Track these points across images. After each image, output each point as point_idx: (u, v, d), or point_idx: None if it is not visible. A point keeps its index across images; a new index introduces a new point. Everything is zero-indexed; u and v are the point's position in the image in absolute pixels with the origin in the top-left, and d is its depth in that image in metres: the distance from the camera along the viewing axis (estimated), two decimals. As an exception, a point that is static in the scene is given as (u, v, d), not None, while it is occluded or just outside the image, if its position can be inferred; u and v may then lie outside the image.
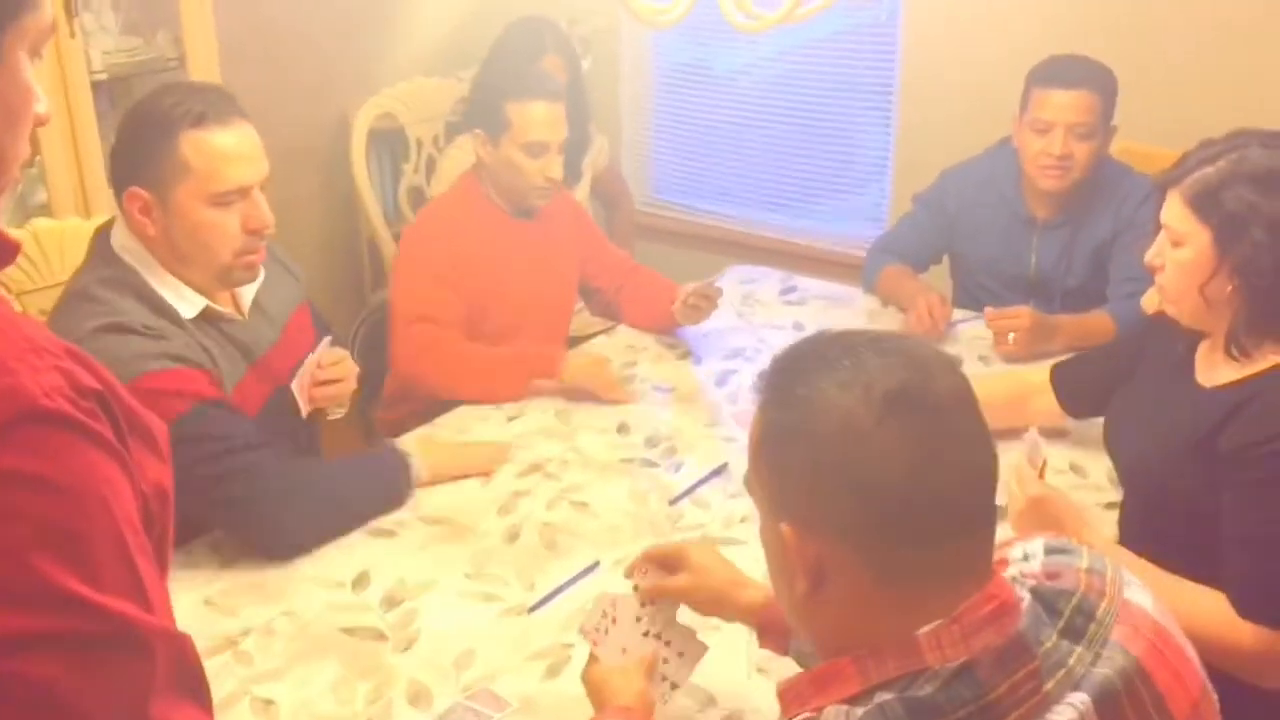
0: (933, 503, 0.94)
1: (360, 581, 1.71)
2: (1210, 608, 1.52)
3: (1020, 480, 1.66)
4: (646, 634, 1.36)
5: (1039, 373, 2.09)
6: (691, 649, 1.37)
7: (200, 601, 1.66)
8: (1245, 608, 1.50)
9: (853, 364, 0.96)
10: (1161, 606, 1.04)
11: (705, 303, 2.47)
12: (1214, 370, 1.66)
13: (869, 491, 0.93)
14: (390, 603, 1.67)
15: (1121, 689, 0.95)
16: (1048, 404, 2.04)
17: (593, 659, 1.36)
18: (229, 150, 1.72)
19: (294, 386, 1.93)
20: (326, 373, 1.97)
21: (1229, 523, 1.54)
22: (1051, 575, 1.01)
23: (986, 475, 0.98)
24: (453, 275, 2.38)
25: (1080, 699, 0.93)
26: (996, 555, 1.02)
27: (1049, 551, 1.04)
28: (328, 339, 2.01)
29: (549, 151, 2.39)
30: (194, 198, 1.70)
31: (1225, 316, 1.61)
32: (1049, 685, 0.93)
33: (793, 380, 0.99)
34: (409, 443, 2.00)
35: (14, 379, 0.79)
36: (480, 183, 2.48)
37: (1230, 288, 1.58)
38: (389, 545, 1.81)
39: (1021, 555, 1.04)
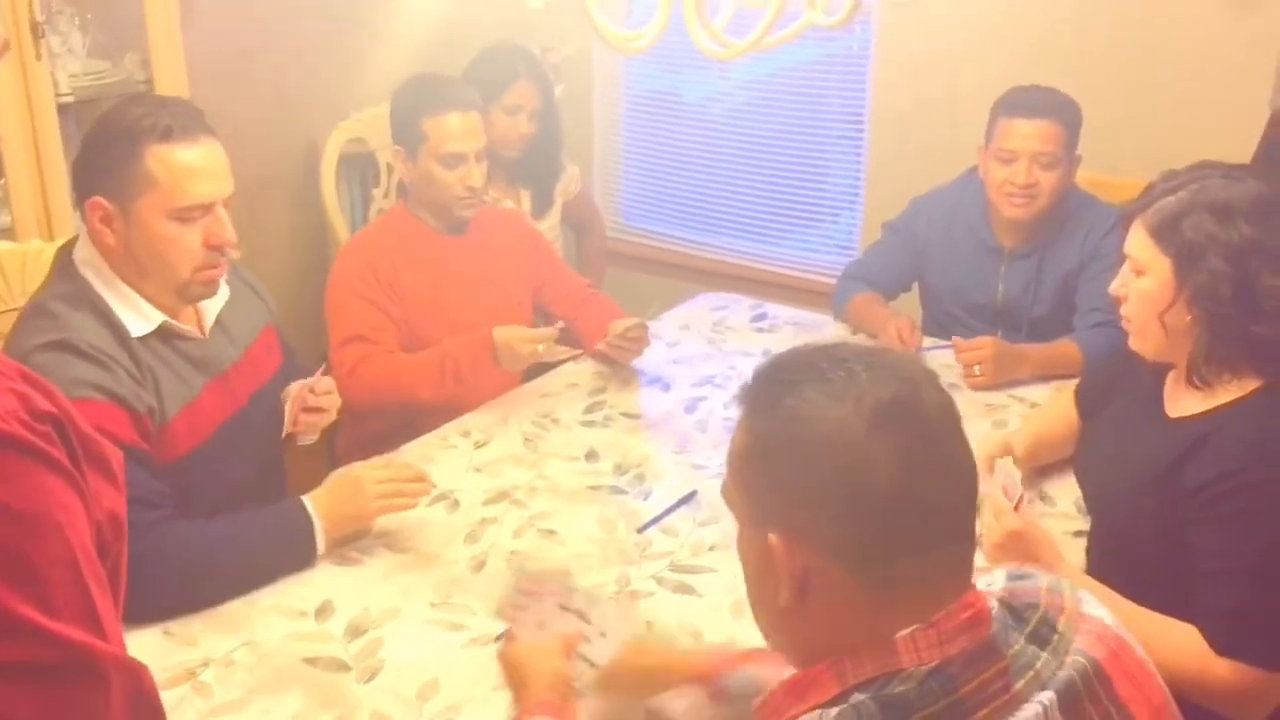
0: (921, 512, 0.96)
1: (323, 611, 1.69)
2: (1184, 644, 1.51)
3: (996, 513, 1.65)
4: (565, 608, 1.32)
5: (1066, 402, 2.09)
6: (615, 628, 1.32)
7: (159, 631, 1.62)
8: (1221, 644, 1.50)
9: (844, 376, 0.98)
10: (1117, 620, 1.06)
11: (633, 344, 2.47)
12: (1179, 402, 1.67)
13: (860, 501, 0.95)
14: (354, 632, 1.64)
15: (1082, 688, 0.97)
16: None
17: (509, 638, 1.33)
18: (194, 165, 1.72)
19: (286, 405, 1.94)
20: (317, 400, 1.97)
21: (1199, 558, 1.55)
22: (1013, 594, 1.03)
23: (969, 487, 1.01)
24: (382, 296, 2.40)
25: (1046, 696, 0.95)
26: None
27: (1010, 578, 1.07)
28: (323, 366, 2.02)
29: (466, 161, 2.42)
30: (156, 211, 1.70)
31: (1186, 347, 1.62)
32: (1019, 685, 0.95)
33: (781, 392, 1.00)
34: (317, 498, 1.81)
35: None
36: (408, 203, 2.52)
37: (1189, 317, 1.59)
38: (353, 574, 1.78)
39: (986, 584, 1.06)
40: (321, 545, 1.78)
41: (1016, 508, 1.65)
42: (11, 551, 0.78)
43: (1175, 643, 1.51)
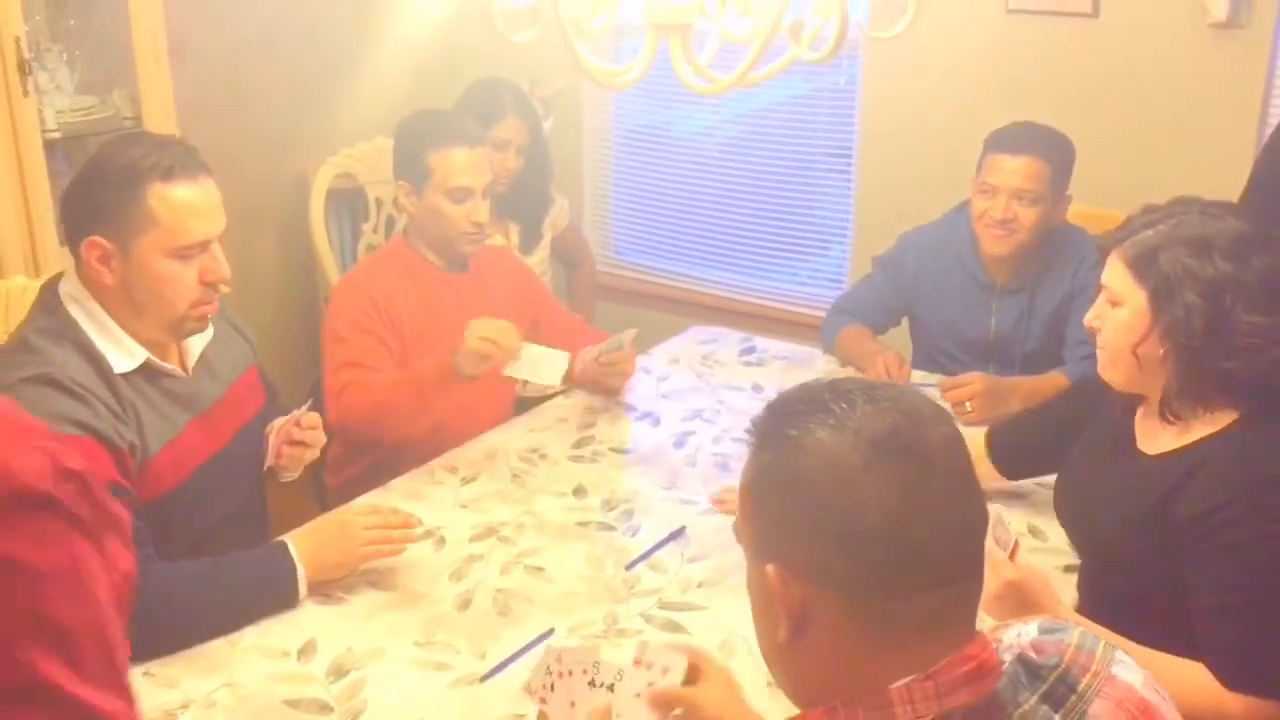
0: (917, 551, 0.93)
1: (306, 651, 1.66)
2: (1193, 679, 1.50)
3: (992, 565, 1.61)
4: (594, 684, 1.31)
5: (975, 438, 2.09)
6: (645, 694, 1.31)
7: (139, 673, 1.60)
8: (1231, 679, 1.49)
9: (845, 408, 0.96)
10: (1154, 685, 1.03)
11: (615, 369, 2.43)
12: (1154, 437, 1.66)
13: (853, 536, 0.93)
14: (337, 673, 1.62)
15: None
16: (986, 467, 2.03)
17: (542, 717, 1.32)
18: (195, 204, 1.73)
19: (270, 438, 1.94)
20: (301, 434, 1.96)
21: (1198, 594, 1.53)
22: (1038, 649, 1.00)
23: (973, 527, 0.98)
24: (382, 329, 2.36)
25: None
26: (991, 638, 1.01)
27: (1042, 631, 1.04)
28: (309, 401, 2.01)
29: (473, 196, 2.40)
30: (157, 250, 1.71)
31: (1158, 380, 1.62)
32: None
33: (784, 423, 0.98)
34: (301, 541, 1.80)
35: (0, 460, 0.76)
36: (409, 238, 2.49)
37: (1162, 350, 1.59)
38: (337, 612, 1.76)
39: (1015, 635, 1.04)
40: (303, 590, 1.76)
41: (1012, 556, 1.62)
42: (44, 615, 0.76)
43: (1186, 681, 1.49)
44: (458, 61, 3.55)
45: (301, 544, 1.78)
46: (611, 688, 1.31)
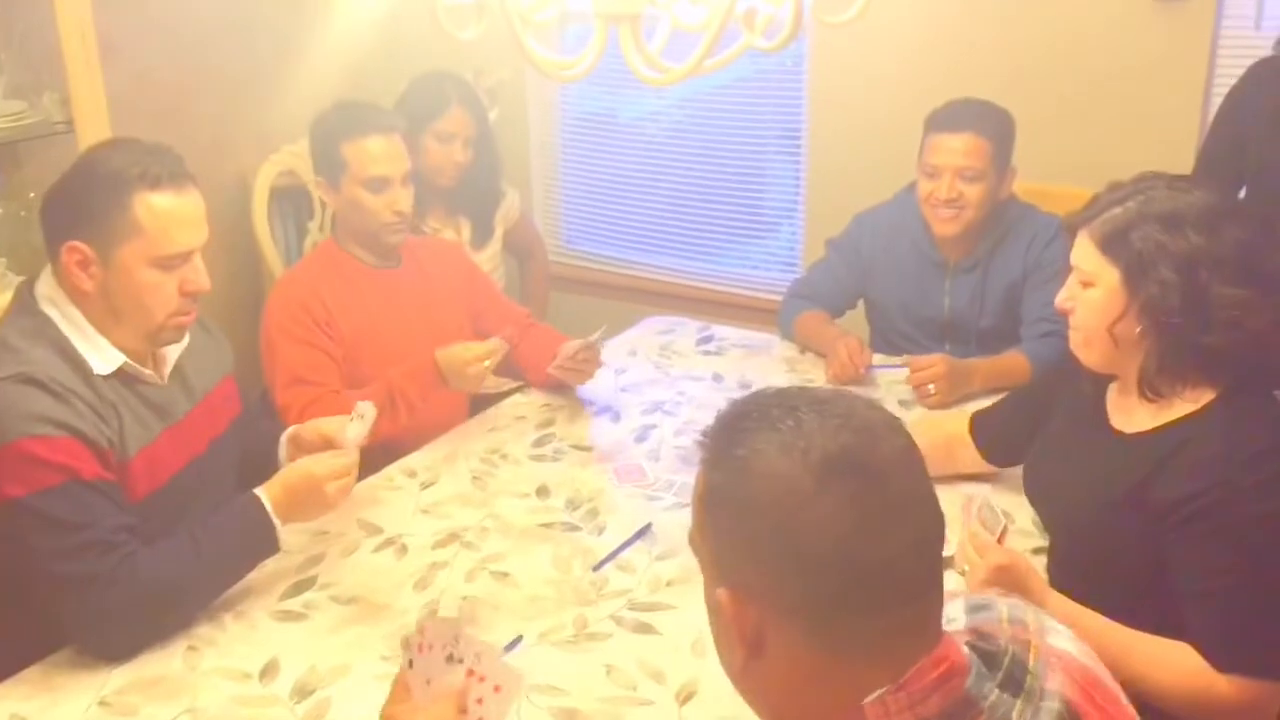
0: (875, 570, 0.90)
1: (269, 671, 1.62)
2: (1182, 662, 1.50)
3: (980, 548, 1.59)
4: (451, 659, 1.23)
5: (958, 421, 2.08)
6: (508, 683, 1.23)
7: (94, 702, 1.55)
8: (1221, 661, 1.48)
9: (793, 425, 0.92)
10: (1084, 648, 1.03)
11: (586, 365, 2.42)
12: (1130, 415, 1.65)
13: (808, 559, 0.89)
14: (301, 693, 1.57)
15: None
16: (973, 454, 2.02)
17: (398, 692, 1.24)
18: (180, 214, 1.72)
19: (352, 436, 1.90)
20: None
21: (1184, 578, 1.52)
22: (981, 633, 0.99)
23: (931, 539, 0.95)
24: (319, 336, 2.32)
25: None
26: None
27: (970, 611, 1.03)
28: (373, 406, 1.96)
29: (391, 185, 2.36)
30: (139, 258, 1.70)
31: (1135, 359, 1.61)
32: None
33: (732, 440, 0.94)
34: (274, 496, 1.78)
35: None
36: (338, 238, 2.46)
37: (1139, 328, 1.58)
38: (299, 630, 1.72)
39: (946, 621, 1.01)
40: (281, 539, 1.78)
41: (1000, 540, 1.60)
42: None
43: (1174, 663, 1.49)
44: (398, 55, 3.49)
45: (275, 498, 1.77)
46: (471, 669, 1.22)
